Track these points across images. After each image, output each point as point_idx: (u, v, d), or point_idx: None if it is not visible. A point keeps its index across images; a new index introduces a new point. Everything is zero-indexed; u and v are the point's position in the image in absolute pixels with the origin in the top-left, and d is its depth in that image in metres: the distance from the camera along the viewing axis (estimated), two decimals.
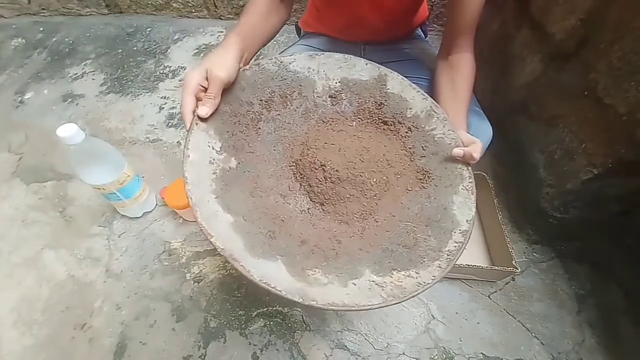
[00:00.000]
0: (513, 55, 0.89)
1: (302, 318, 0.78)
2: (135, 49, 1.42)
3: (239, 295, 0.81)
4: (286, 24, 0.62)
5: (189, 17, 1.55)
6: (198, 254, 0.87)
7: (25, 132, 1.15)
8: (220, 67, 0.43)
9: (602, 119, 0.63)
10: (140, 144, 1.11)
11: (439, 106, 0.53)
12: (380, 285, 0.39)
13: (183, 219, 0.92)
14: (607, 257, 0.84)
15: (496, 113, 0.77)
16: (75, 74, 1.32)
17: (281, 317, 0.78)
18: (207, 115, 0.43)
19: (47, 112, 1.21)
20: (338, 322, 0.77)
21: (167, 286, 0.82)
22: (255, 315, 0.78)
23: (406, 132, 0.53)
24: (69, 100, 1.24)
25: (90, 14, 1.58)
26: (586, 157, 0.67)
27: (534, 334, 0.76)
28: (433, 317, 0.78)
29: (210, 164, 0.44)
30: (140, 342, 0.75)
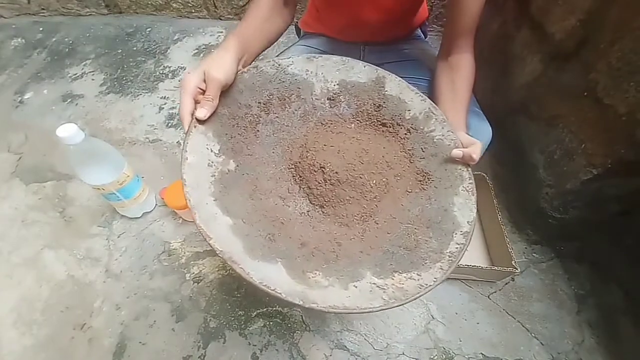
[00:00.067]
0: (513, 55, 0.89)
1: (302, 318, 0.78)
2: (135, 49, 1.42)
3: (238, 295, 0.81)
4: None
5: (188, 17, 1.55)
6: (198, 254, 0.87)
7: (25, 132, 1.15)
8: (218, 69, 0.43)
9: (602, 119, 0.63)
10: (140, 144, 1.11)
11: (437, 108, 0.53)
12: (381, 288, 0.39)
13: (183, 219, 0.92)
14: (607, 257, 0.84)
15: (496, 113, 0.77)
16: (75, 74, 1.32)
17: (281, 317, 0.78)
18: (205, 118, 0.43)
19: (47, 112, 1.20)
20: (338, 322, 0.77)
21: (166, 286, 0.83)
22: (255, 315, 0.78)
23: (405, 133, 0.53)
24: (69, 100, 1.24)
25: (90, 14, 1.58)
26: (586, 157, 0.67)
27: (533, 334, 0.76)
28: (433, 317, 0.78)
29: (209, 166, 0.44)
30: (140, 342, 0.75)
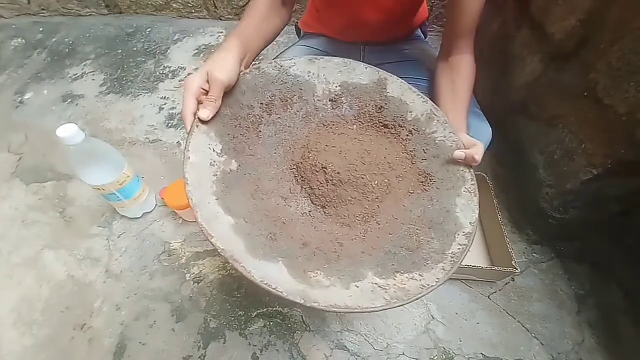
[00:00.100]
0: (513, 55, 0.89)
1: (302, 318, 0.78)
2: (135, 49, 1.42)
3: (238, 295, 0.81)
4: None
5: (188, 17, 1.55)
6: (198, 254, 0.87)
7: (25, 132, 1.15)
8: (221, 70, 0.43)
9: (602, 119, 0.63)
10: (140, 145, 1.11)
11: (439, 109, 0.53)
12: (383, 288, 0.39)
13: (183, 219, 0.92)
14: (607, 257, 0.84)
15: (496, 113, 0.77)
16: (75, 74, 1.32)
17: (281, 317, 0.78)
18: (208, 118, 0.43)
19: (47, 112, 1.20)
20: (338, 322, 0.77)
21: (166, 286, 0.82)
22: (255, 315, 0.78)
23: (407, 135, 0.53)
24: (69, 100, 1.23)
25: (90, 14, 1.58)
26: (586, 157, 0.67)
27: (533, 334, 0.76)
28: (433, 317, 0.78)
29: (211, 165, 0.44)
30: (140, 342, 0.75)
